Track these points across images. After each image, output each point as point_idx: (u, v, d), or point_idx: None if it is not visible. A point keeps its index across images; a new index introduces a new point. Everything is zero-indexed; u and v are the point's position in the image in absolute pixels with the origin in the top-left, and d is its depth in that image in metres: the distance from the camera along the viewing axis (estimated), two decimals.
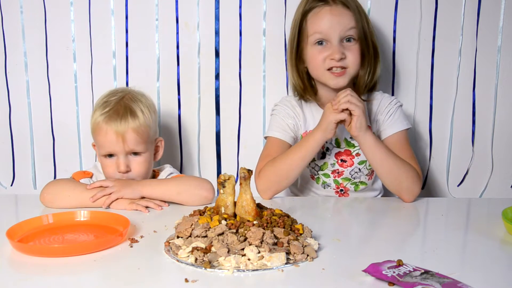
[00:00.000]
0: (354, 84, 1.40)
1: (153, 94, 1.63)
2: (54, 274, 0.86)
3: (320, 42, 1.34)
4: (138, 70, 1.63)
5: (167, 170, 1.41)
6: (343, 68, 1.33)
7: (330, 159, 1.41)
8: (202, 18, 1.61)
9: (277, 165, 1.32)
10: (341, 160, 1.42)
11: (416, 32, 1.61)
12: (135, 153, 1.32)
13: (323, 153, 1.42)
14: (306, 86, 1.41)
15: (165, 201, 1.26)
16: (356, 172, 1.42)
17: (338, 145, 1.41)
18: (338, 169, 1.42)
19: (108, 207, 1.22)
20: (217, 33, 1.61)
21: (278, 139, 1.40)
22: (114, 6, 1.60)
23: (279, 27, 1.60)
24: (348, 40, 1.34)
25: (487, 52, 1.61)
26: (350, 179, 1.43)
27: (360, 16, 1.34)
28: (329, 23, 1.32)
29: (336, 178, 1.43)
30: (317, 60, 1.34)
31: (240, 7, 1.60)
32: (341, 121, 1.27)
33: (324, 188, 1.45)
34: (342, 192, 1.45)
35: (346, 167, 1.42)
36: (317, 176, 1.44)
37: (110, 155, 1.31)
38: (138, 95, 1.37)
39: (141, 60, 1.63)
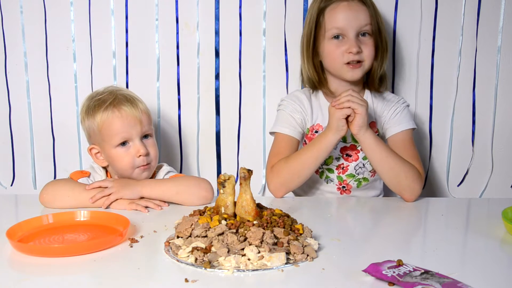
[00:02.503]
0: (368, 78, 1.44)
1: (153, 94, 1.64)
2: (54, 274, 0.86)
3: (336, 37, 1.38)
4: (138, 70, 1.63)
5: (164, 168, 1.41)
6: (359, 61, 1.37)
7: (335, 153, 1.43)
8: (202, 18, 1.61)
9: (290, 163, 1.35)
10: (346, 155, 1.43)
11: (416, 32, 1.61)
12: (146, 136, 1.34)
13: None
14: (321, 79, 1.44)
15: (164, 201, 1.26)
16: (360, 168, 1.43)
17: (344, 140, 1.42)
18: (343, 164, 1.43)
19: (108, 207, 1.22)
20: (217, 33, 1.61)
21: (287, 135, 1.43)
22: (114, 6, 1.60)
23: (279, 27, 1.61)
24: (363, 34, 1.38)
25: (487, 52, 1.61)
26: (354, 175, 1.44)
27: (375, 12, 1.39)
28: (346, 18, 1.36)
29: (340, 174, 1.44)
30: (335, 54, 1.38)
31: (240, 7, 1.60)
32: (348, 116, 1.29)
33: (327, 183, 1.46)
34: (344, 189, 1.45)
35: (351, 162, 1.43)
36: (321, 170, 1.45)
37: (124, 144, 1.30)
38: (122, 88, 1.41)
39: (141, 60, 1.63)
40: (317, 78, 1.44)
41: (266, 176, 1.40)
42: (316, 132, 1.44)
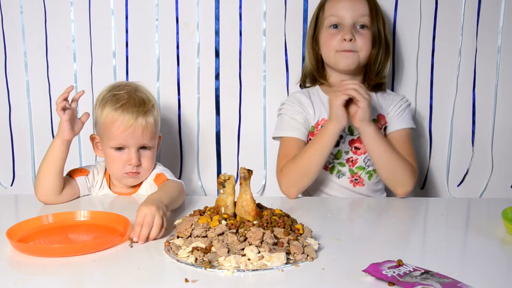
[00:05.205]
0: (365, 75, 1.46)
1: (153, 94, 1.62)
2: (54, 274, 0.86)
3: (334, 26, 1.41)
4: (138, 70, 1.63)
5: (157, 167, 1.39)
6: (353, 51, 1.39)
7: (344, 147, 1.43)
8: (202, 18, 1.61)
9: (297, 162, 1.35)
10: (355, 148, 1.43)
11: (416, 32, 1.61)
12: (144, 148, 1.32)
13: (337, 142, 1.41)
14: (320, 70, 1.48)
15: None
16: (369, 159, 1.43)
17: (351, 132, 1.42)
18: (352, 157, 1.44)
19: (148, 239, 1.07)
20: (217, 33, 1.61)
21: (293, 137, 1.42)
22: (114, 6, 1.60)
23: (279, 27, 1.60)
24: (362, 27, 1.40)
25: (487, 52, 1.61)
26: (364, 168, 1.44)
27: (376, 9, 1.42)
28: (344, 7, 1.40)
29: (351, 167, 1.44)
30: (330, 42, 1.41)
31: (240, 7, 1.60)
32: (348, 106, 1.29)
33: (339, 178, 1.45)
34: (357, 181, 1.45)
35: (360, 154, 1.43)
36: (332, 165, 1.44)
37: (120, 148, 1.30)
38: (145, 90, 1.37)
39: (141, 60, 1.63)
40: (316, 69, 1.48)
41: (277, 179, 1.40)
42: (322, 126, 1.43)
